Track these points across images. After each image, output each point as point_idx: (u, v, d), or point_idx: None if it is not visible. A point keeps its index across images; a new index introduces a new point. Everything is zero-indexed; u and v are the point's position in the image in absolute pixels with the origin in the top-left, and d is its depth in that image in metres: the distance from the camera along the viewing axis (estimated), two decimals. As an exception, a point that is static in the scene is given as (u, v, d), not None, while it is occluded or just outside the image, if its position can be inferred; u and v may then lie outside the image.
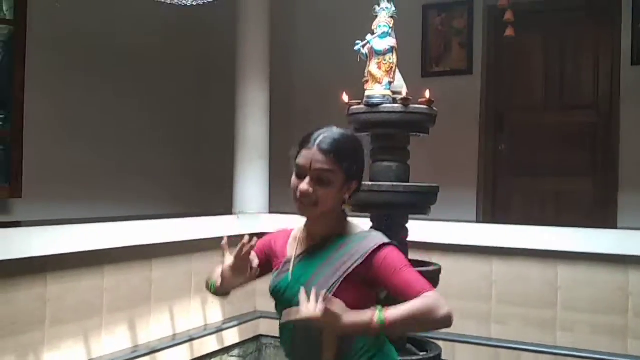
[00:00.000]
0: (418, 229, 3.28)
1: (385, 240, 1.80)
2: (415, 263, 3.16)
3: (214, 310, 4.47)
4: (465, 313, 4.25)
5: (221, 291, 1.96)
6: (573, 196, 5.60)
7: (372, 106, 2.99)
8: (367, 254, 1.75)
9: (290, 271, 1.85)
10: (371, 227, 3.16)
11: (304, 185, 1.75)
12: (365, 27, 3.05)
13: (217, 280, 1.93)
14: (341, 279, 1.74)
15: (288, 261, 1.88)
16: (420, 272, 3.02)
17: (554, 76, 5.71)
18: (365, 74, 3.03)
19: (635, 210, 5.15)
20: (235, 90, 5.09)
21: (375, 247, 1.76)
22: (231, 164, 5.10)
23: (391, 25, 3.00)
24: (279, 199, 5.35)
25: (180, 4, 3.53)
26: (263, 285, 2.01)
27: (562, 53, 5.68)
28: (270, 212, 5.08)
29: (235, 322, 4.53)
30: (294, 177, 1.80)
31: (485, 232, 4.41)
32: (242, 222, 4.77)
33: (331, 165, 1.75)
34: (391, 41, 2.98)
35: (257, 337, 4.76)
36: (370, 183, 3.03)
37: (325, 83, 5.67)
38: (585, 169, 5.59)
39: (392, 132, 3.09)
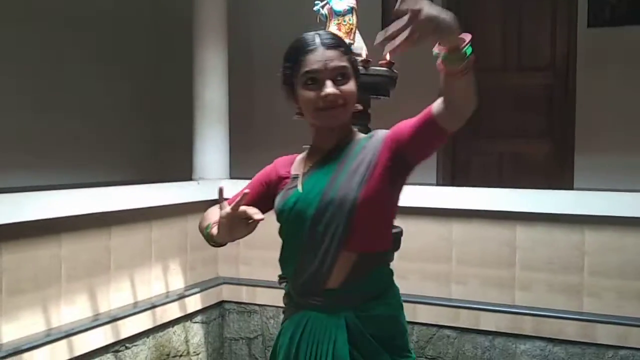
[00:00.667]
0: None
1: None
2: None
3: (176, 277, 4.44)
4: (426, 274, 4.31)
5: (217, 241, 1.74)
6: (531, 157, 5.68)
7: (332, 69, 2.95)
8: (381, 143, 1.66)
9: (299, 184, 1.71)
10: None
11: (331, 89, 1.62)
12: (324, -12, 3.00)
13: (213, 227, 1.73)
14: (366, 175, 1.63)
15: (295, 178, 1.75)
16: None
17: (512, 38, 5.73)
18: (325, 36, 2.98)
19: (590, 170, 5.25)
20: (193, 54, 4.99)
21: (385, 134, 1.69)
22: (190, 130, 5.02)
23: (351, -14, 2.95)
24: (240, 164, 5.32)
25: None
26: (225, 250, 1.97)
27: (520, 15, 5.70)
28: (231, 177, 5.04)
29: (197, 289, 4.51)
30: (305, 92, 1.66)
31: (445, 194, 4.44)
32: (202, 188, 4.72)
33: (345, 59, 1.68)
34: (351, 1, 2.93)
35: (220, 303, 4.75)
36: (331, 147, 3.00)
37: (285, 45, 5.58)
38: (542, 131, 5.67)
39: (353, 95, 3.06)
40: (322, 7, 2.91)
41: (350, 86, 1.67)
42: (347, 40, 2.91)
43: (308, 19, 3.01)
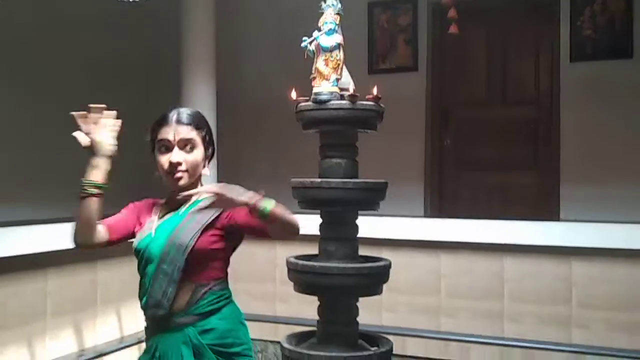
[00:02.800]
0: (367, 225, 3.29)
1: None
2: (364, 259, 3.18)
3: (163, 311, 4.39)
4: (415, 307, 4.30)
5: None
6: (517, 189, 5.71)
7: (319, 103, 2.98)
8: (220, 211, 1.97)
9: (153, 229, 2.05)
10: (321, 224, 3.16)
11: (175, 156, 2.00)
12: (313, 24, 3.04)
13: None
14: (203, 227, 1.97)
15: (151, 222, 2.09)
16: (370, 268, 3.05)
17: (496, 72, 5.81)
18: (313, 71, 3.02)
19: (576, 201, 5.29)
20: (181, 90, 5.02)
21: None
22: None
23: (337, 22, 2.99)
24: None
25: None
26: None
27: (504, 49, 5.79)
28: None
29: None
30: (159, 156, 2.04)
31: (432, 226, 4.46)
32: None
33: (193, 134, 2.04)
34: (338, 38, 2.97)
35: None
36: (319, 180, 3.02)
37: (273, 80, 5.64)
38: (528, 163, 5.72)
39: (340, 129, 3.09)
40: (310, 43, 2.94)
41: (194, 157, 2.04)
42: (333, 76, 2.95)
43: (297, 54, 3.04)
